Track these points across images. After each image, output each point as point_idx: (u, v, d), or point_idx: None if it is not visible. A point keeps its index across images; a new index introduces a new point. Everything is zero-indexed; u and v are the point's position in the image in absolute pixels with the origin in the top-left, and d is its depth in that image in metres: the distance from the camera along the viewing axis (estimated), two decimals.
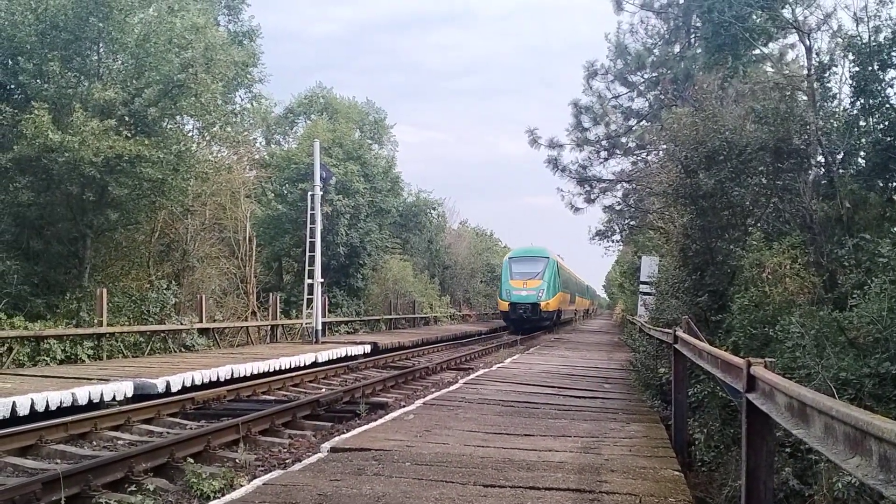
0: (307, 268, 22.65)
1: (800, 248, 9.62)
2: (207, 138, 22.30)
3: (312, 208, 22.25)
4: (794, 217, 11.04)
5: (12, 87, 18.23)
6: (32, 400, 9.42)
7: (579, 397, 10.72)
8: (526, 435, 7.55)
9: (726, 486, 6.55)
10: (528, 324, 36.32)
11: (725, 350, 6.69)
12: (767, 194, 11.62)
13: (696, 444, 7.77)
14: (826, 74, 11.11)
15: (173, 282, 21.04)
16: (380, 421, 8.45)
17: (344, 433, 8.05)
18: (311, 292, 22.41)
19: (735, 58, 15.50)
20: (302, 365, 16.40)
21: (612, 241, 27.69)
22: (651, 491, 5.43)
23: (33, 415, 9.32)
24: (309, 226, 22.52)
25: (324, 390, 13.32)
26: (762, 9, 14.55)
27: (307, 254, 22.72)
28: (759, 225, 11.55)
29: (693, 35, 22.41)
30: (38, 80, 16.87)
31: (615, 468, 6.09)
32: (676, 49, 23.02)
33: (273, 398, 12.52)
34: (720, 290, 11.06)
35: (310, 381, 14.78)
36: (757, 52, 17.10)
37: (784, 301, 8.76)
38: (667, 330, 9.68)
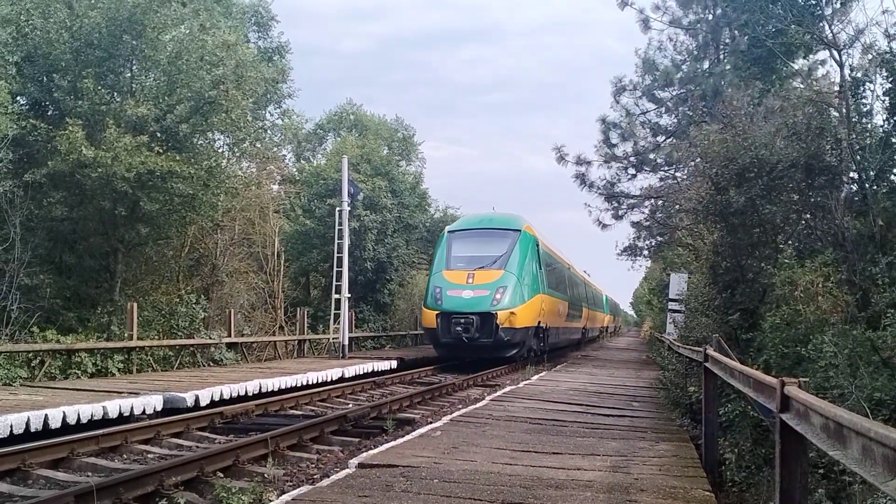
0: (334, 283, 22.73)
1: (832, 266, 9.52)
2: (237, 154, 22.55)
3: (340, 224, 22.37)
4: (826, 234, 10.93)
5: (47, 103, 18.58)
6: (64, 413, 9.52)
7: (607, 415, 10.65)
8: (554, 453, 7.50)
9: None
10: (473, 352, 21.09)
11: (756, 369, 6.62)
12: (799, 211, 11.53)
13: (727, 463, 7.68)
14: (861, 90, 11.01)
15: (202, 296, 21.23)
16: (407, 437, 8.45)
17: (371, 449, 8.04)
18: (338, 307, 22.49)
19: (771, 71, 15.47)
20: (329, 380, 16.43)
21: (640, 258, 27.57)
22: None
23: (65, 427, 9.42)
24: (336, 241, 22.64)
25: (351, 405, 13.34)
26: (799, 24, 14.50)
27: (334, 269, 22.82)
28: (790, 243, 11.46)
29: (722, 52, 22.32)
30: (72, 97, 17.17)
31: (645, 488, 6.03)
32: (705, 65, 22.91)
33: (301, 413, 12.55)
34: (751, 308, 10.95)
35: (337, 397, 14.81)
36: (787, 67, 17.06)
37: (816, 320, 8.66)
38: (697, 348, 9.61)
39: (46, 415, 9.26)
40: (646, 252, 26.88)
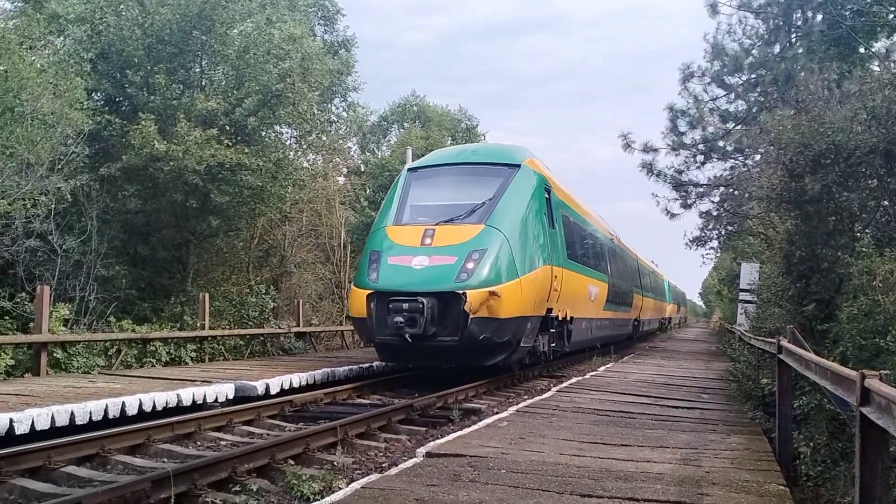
0: None
1: None
2: (304, 146, 22.85)
3: None
4: None
5: (121, 99, 19.12)
6: (140, 400, 9.79)
7: (676, 407, 10.48)
8: (622, 445, 7.42)
9: (834, 503, 6.30)
10: (426, 359, 13.65)
11: (832, 360, 6.44)
12: (877, 198, 11.15)
13: (802, 457, 7.50)
14: None
15: (272, 286, 21.60)
16: (474, 427, 8.44)
17: (438, 438, 8.06)
18: None
19: (851, 52, 14.99)
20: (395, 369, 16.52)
21: (710, 249, 27.00)
22: None
23: (141, 414, 9.67)
24: None
25: (417, 395, 13.39)
26: (880, 3, 14.01)
27: None
28: (868, 231, 11.09)
29: (794, 35, 21.70)
30: (144, 92, 17.62)
31: (717, 481, 5.92)
32: (776, 49, 22.28)
33: (368, 402, 12.66)
34: (827, 298, 10.65)
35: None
36: (862, 50, 16.53)
37: None
38: (770, 339, 9.39)
39: (123, 402, 9.53)
40: (715, 242, 26.32)
